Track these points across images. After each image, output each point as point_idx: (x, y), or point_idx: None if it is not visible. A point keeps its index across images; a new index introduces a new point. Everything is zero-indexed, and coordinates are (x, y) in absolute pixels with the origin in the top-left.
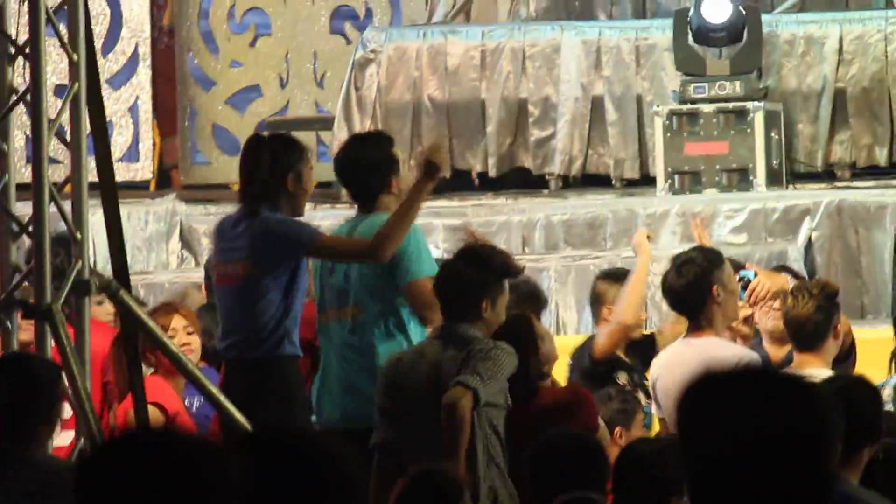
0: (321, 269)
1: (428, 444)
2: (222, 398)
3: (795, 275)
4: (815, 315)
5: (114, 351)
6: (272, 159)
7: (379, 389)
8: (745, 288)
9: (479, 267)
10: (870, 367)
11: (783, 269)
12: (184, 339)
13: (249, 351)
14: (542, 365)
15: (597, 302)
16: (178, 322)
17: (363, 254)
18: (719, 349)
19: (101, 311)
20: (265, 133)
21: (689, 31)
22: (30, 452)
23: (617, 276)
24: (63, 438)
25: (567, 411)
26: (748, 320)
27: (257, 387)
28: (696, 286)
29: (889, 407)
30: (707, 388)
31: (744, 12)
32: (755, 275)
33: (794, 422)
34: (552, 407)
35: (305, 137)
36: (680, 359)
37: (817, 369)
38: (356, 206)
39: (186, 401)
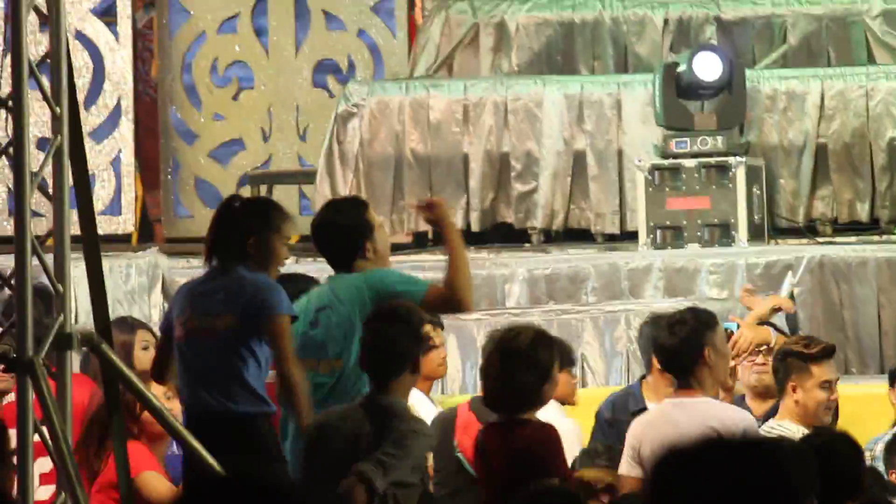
0: (303, 321)
1: None
2: (206, 454)
3: (778, 329)
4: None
5: (98, 403)
6: (240, 222)
7: (301, 450)
8: (727, 340)
9: (401, 325)
10: (858, 422)
11: (766, 323)
12: (165, 405)
13: (229, 406)
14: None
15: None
16: (156, 389)
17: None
18: (714, 410)
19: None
20: (237, 199)
21: (675, 85)
22: None
23: None
24: (43, 492)
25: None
26: (731, 373)
27: (237, 443)
28: (687, 346)
29: (879, 464)
30: (675, 458)
31: (730, 69)
32: (738, 327)
33: (762, 489)
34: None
35: (287, 190)
36: (670, 419)
37: (795, 425)
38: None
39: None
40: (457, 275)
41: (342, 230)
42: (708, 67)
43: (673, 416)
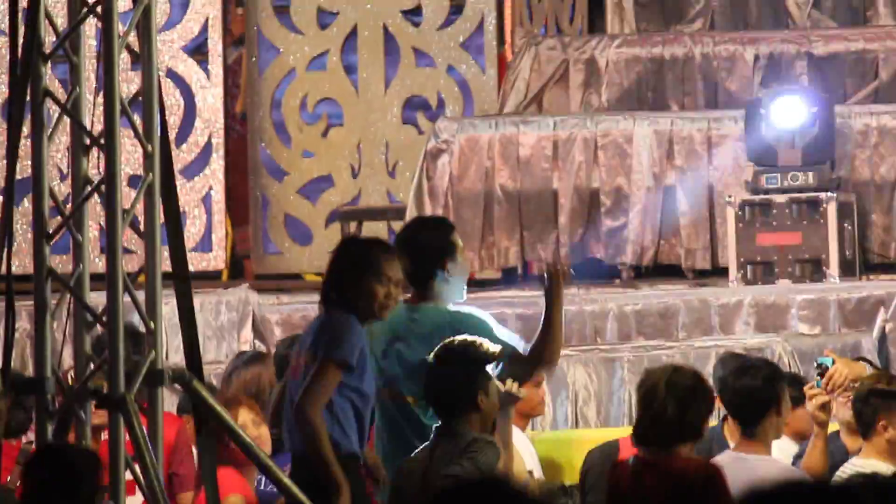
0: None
1: None
2: (295, 489)
3: (874, 366)
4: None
5: (184, 440)
6: (352, 262)
7: (386, 495)
8: (822, 374)
9: (463, 363)
10: None
11: (861, 359)
12: (253, 432)
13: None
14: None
15: None
16: (245, 415)
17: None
18: (771, 470)
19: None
20: (355, 237)
21: (761, 123)
22: None
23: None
24: None
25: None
26: (825, 407)
27: (319, 483)
28: (761, 394)
29: None
30: (758, 499)
31: (815, 109)
32: (833, 362)
33: None
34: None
35: (376, 227)
36: (731, 474)
37: (884, 463)
38: (411, 291)
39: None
40: (549, 344)
41: (425, 246)
42: (790, 112)
43: (732, 471)
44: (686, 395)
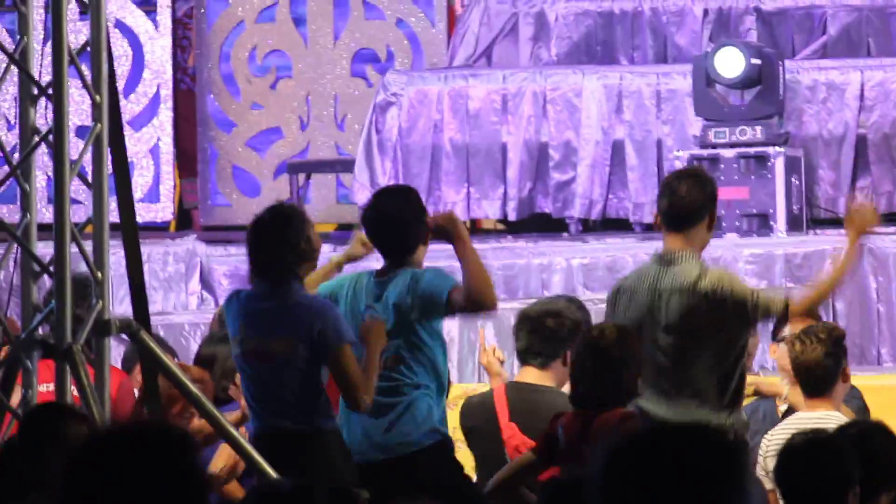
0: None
1: None
2: (246, 444)
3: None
4: (824, 360)
5: (126, 394)
6: (281, 234)
7: None
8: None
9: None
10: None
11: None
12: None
13: (294, 424)
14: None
15: None
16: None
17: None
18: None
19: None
20: (260, 216)
21: (708, 78)
22: None
23: None
24: None
25: None
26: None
27: (305, 461)
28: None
29: None
30: (623, 450)
31: (759, 62)
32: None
33: (708, 478)
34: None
35: (325, 179)
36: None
37: (828, 413)
38: (385, 260)
39: None
40: (472, 280)
41: (406, 219)
42: (729, 64)
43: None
44: (614, 359)
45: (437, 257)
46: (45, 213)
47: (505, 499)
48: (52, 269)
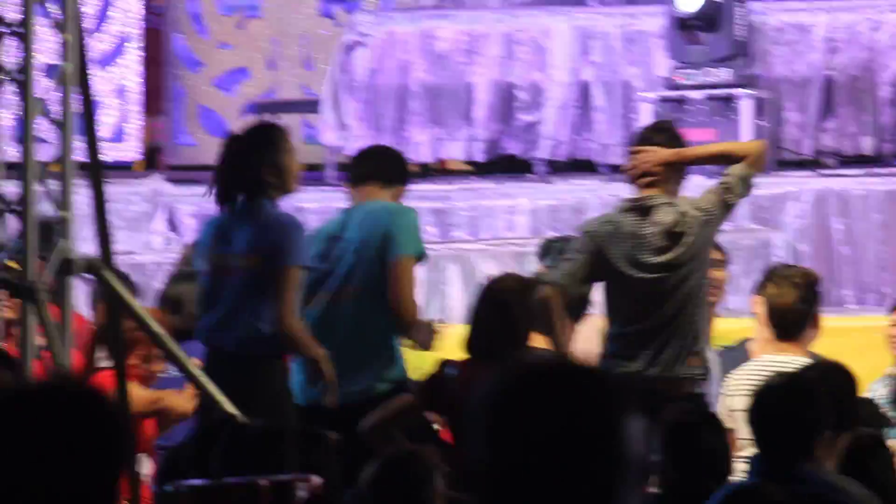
0: (324, 256)
1: None
2: (205, 380)
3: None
4: (798, 304)
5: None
6: (254, 152)
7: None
8: None
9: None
10: (858, 355)
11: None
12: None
13: (240, 345)
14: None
15: None
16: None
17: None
18: None
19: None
20: (238, 129)
21: (676, 19)
22: None
23: None
24: None
25: None
26: None
27: (250, 383)
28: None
29: (886, 408)
30: (504, 392)
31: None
32: None
33: (583, 418)
34: None
35: (292, 119)
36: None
37: (796, 357)
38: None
39: None
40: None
41: (403, 171)
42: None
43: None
44: (511, 310)
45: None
46: (10, 152)
47: (380, 439)
48: (17, 208)
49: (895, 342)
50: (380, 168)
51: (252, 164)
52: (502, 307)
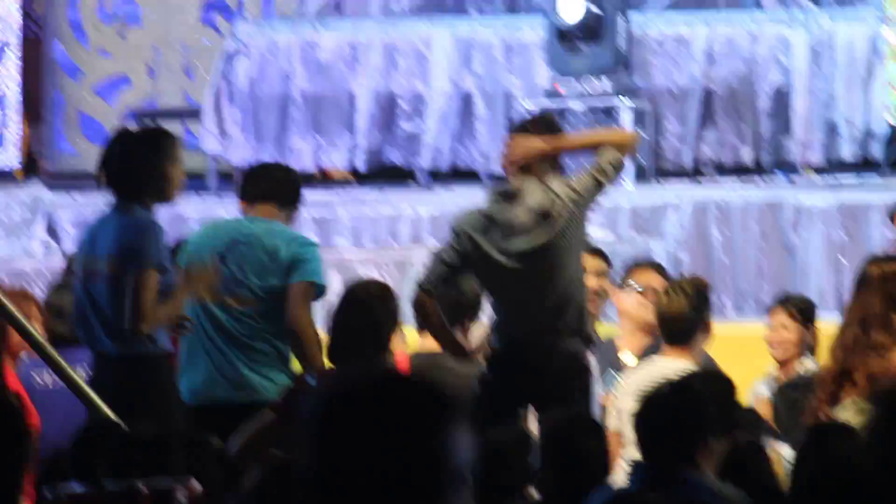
0: (205, 257)
1: None
2: (82, 383)
3: (664, 272)
4: (688, 312)
5: None
6: (137, 155)
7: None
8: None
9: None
10: (738, 363)
11: (652, 265)
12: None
13: (117, 347)
14: None
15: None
16: (35, 311)
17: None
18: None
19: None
20: (130, 127)
21: (556, 30)
22: None
23: None
24: None
25: None
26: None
27: (129, 383)
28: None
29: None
30: (335, 398)
31: (601, 11)
32: None
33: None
34: None
35: (173, 127)
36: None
37: (685, 363)
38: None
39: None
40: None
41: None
42: (570, 9)
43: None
44: (374, 314)
45: None
46: None
47: (255, 459)
48: None
49: (774, 344)
50: (276, 189)
51: (135, 167)
52: (364, 312)
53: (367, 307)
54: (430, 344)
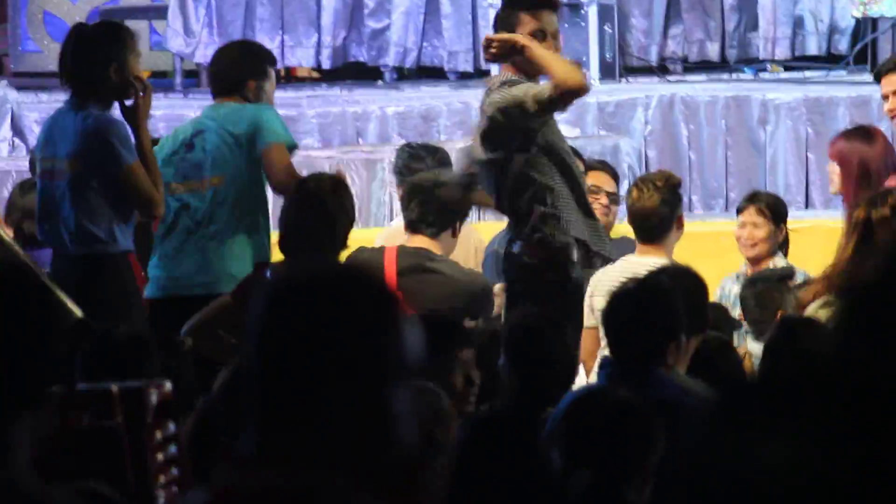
0: (176, 147)
1: None
2: (59, 292)
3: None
4: (660, 208)
5: None
6: (94, 50)
7: None
8: None
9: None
10: (706, 259)
11: (601, 163)
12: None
13: (78, 246)
14: None
15: None
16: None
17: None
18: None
19: None
20: (86, 23)
21: None
22: None
23: None
24: None
25: None
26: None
27: (90, 282)
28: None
29: (733, 305)
30: (278, 294)
31: None
32: None
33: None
34: None
35: (139, 26)
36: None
37: (658, 260)
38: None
39: None
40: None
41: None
42: None
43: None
44: (328, 208)
45: None
46: None
47: (204, 340)
48: None
49: (744, 242)
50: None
51: (90, 63)
52: (316, 206)
53: (320, 202)
54: (421, 243)
